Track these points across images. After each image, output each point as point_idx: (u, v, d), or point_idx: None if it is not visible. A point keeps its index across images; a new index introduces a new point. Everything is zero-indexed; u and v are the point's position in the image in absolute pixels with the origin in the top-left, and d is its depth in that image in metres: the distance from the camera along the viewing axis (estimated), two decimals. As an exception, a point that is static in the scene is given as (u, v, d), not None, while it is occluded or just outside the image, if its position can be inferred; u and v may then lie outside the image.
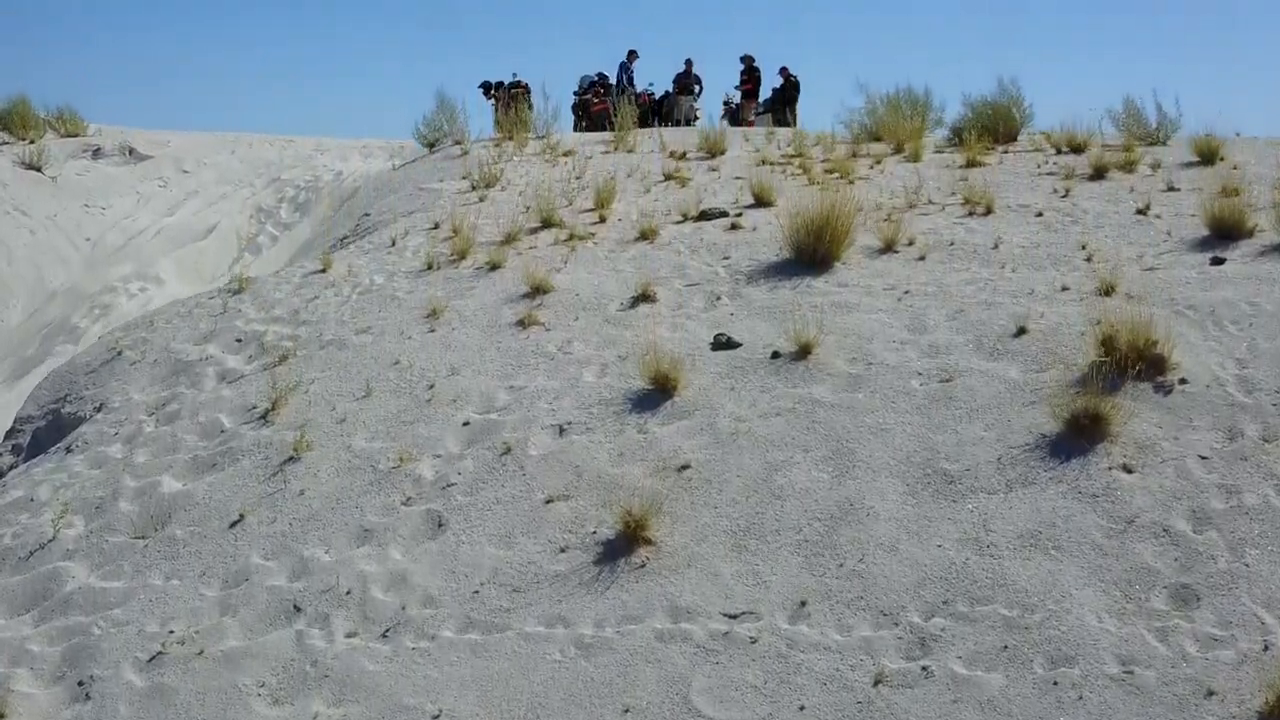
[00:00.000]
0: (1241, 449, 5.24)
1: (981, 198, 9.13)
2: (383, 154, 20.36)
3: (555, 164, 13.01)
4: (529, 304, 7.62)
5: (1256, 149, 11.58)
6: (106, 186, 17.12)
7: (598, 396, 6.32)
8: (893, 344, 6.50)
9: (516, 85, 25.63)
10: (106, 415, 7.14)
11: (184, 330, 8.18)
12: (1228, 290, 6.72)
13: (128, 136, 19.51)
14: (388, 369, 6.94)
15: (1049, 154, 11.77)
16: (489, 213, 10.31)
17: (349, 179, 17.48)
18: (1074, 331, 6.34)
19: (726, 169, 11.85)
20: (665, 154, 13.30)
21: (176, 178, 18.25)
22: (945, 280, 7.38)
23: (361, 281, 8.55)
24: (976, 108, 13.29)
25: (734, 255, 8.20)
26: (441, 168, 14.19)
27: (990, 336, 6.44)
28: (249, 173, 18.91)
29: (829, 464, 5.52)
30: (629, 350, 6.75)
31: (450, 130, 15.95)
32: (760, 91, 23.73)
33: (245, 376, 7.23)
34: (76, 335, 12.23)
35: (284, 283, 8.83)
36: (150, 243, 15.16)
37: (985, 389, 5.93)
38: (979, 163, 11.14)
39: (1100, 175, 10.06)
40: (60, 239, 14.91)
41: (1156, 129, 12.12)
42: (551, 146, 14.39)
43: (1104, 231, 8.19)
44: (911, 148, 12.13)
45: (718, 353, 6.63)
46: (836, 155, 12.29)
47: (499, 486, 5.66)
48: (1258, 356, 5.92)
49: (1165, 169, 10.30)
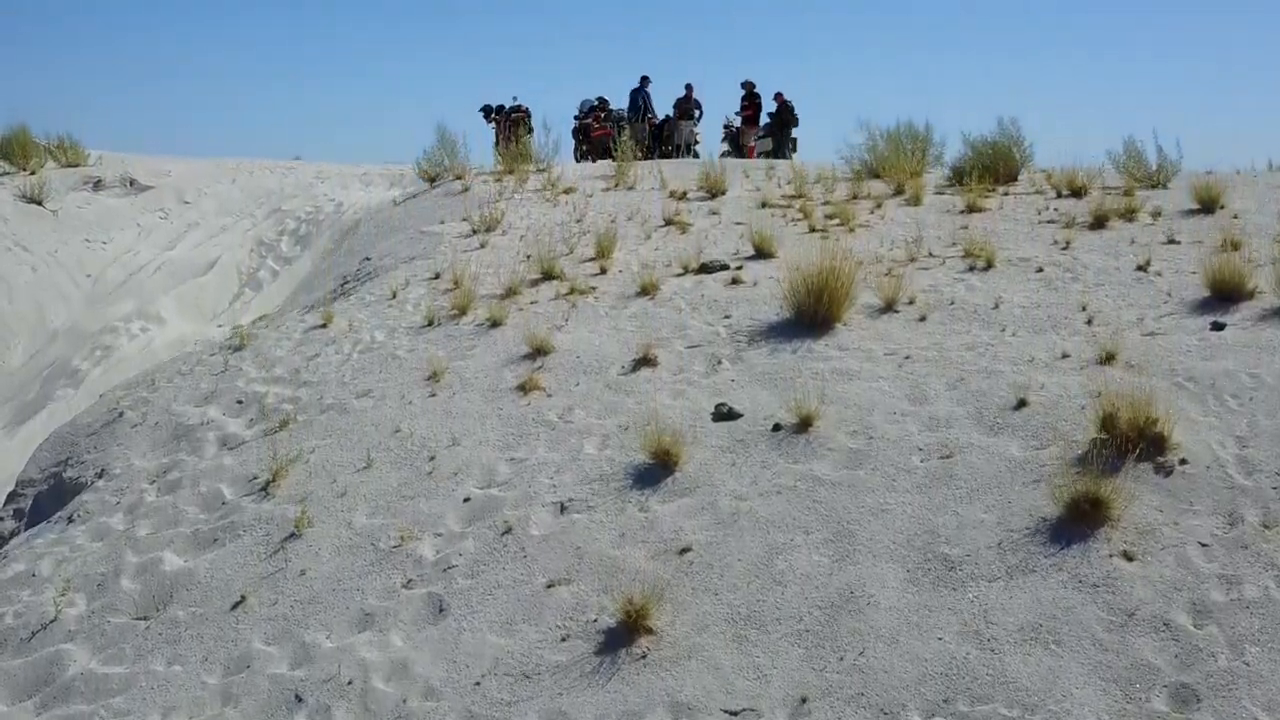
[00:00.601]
0: (1241, 536, 5.24)
1: (982, 251, 9.14)
2: (383, 181, 20.38)
3: (556, 203, 13.03)
4: (530, 366, 7.63)
5: (1257, 193, 11.60)
6: (107, 219, 17.14)
7: (599, 471, 6.32)
8: (893, 416, 6.51)
9: (517, 110, 25.72)
10: (108, 483, 7.15)
11: (185, 390, 8.19)
12: (1228, 360, 6.73)
13: (128, 165, 19.53)
14: (389, 437, 6.94)
15: (1049, 197, 11.79)
16: (490, 260, 10.33)
17: (349, 210, 17.49)
18: (1074, 405, 6.34)
19: (727, 211, 11.87)
20: (666, 193, 13.32)
21: (177, 209, 18.27)
22: (946, 344, 7.39)
23: (362, 338, 8.56)
24: (977, 147, 13.32)
25: (735, 314, 8.21)
26: (442, 205, 14.22)
27: (991, 408, 6.44)
28: (249, 202, 18.92)
29: (830, 547, 5.52)
30: (630, 419, 6.75)
31: (451, 165, 15.97)
32: (760, 117, 23.81)
33: (246, 443, 7.23)
34: (78, 379, 12.24)
35: (285, 338, 8.84)
36: (151, 279, 15.17)
37: (986, 467, 5.94)
38: (979, 207, 11.16)
39: (1101, 224, 10.07)
40: (61, 276, 14.92)
41: (1157, 171, 12.14)
42: (552, 183, 14.41)
43: (1104, 290, 8.20)
44: (912, 190, 12.15)
45: (719, 424, 6.64)
46: (837, 197, 12.32)
47: (500, 569, 5.66)
48: (1258, 435, 5.93)
49: (1166, 217, 10.32)
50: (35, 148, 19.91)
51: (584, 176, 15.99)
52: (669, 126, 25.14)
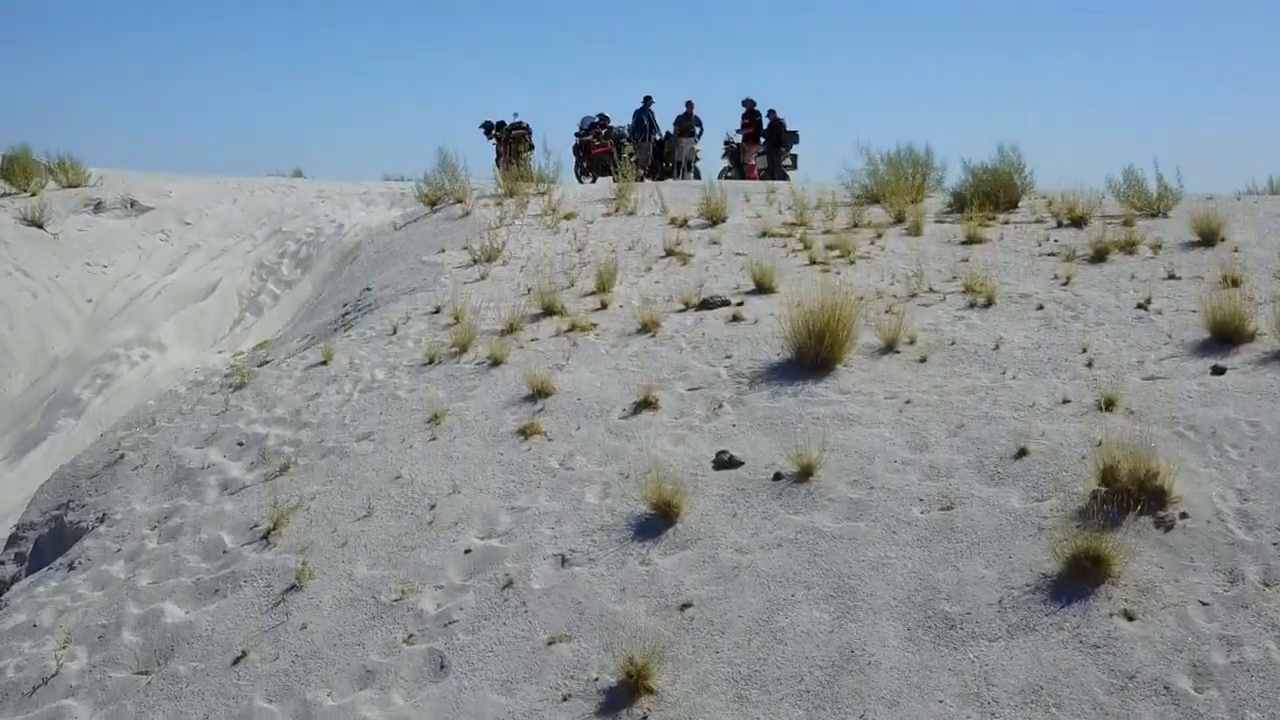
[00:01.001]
0: (1242, 595, 5.24)
1: (982, 286, 9.15)
2: (384, 201, 20.40)
3: (557, 230, 13.05)
4: (531, 408, 7.64)
5: (1257, 222, 11.62)
6: (108, 242, 17.16)
7: (600, 521, 6.33)
8: (894, 464, 6.51)
9: (517, 127, 25.80)
10: (109, 528, 7.15)
11: (186, 430, 8.20)
12: (1229, 407, 6.73)
13: (129, 186, 19.57)
14: (389, 484, 6.95)
15: (1050, 226, 11.81)
16: (490, 293, 10.34)
17: (350, 232, 17.51)
18: (1075, 454, 6.34)
19: (728, 241, 11.88)
20: (666, 219, 13.34)
21: (178, 230, 18.29)
22: (946, 387, 7.39)
23: (363, 376, 8.57)
24: (978, 174, 13.33)
25: (735, 354, 8.21)
26: (443, 230, 14.24)
27: (991, 457, 6.45)
28: (250, 223, 18.95)
29: (830, 603, 5.52)
30: (631, 466, 6.76)
31: (452, 188, 15.99)
32: (760, 135, 23.90)
33: (247, 487, 7.24)
34: (79, 408, 12.25)
35: (286, 376, 8.85)
36: (152, 304, 15.19)
37: (986, 519, 5.94)
38: (980, 238, 11.17)
39: (1101, 258, 10.08)
40: (62, 301, 14.94)
41: (1158, 200, 12.14)
42: (553, 208, 14.43)
43: (1104, 329, 8.21)
44: (913, 218, 12.17)
45: (720, 472, 6.64)
46: (837, 225, 12.33)
47: (501, 624, 5.67)
48: (1258, 487, 5.93)
49: (1166, 250, 10.33)
50: (36, 167, 19.97)
51: (584, 200, 16.01)
52: (669, 143, 25.24)
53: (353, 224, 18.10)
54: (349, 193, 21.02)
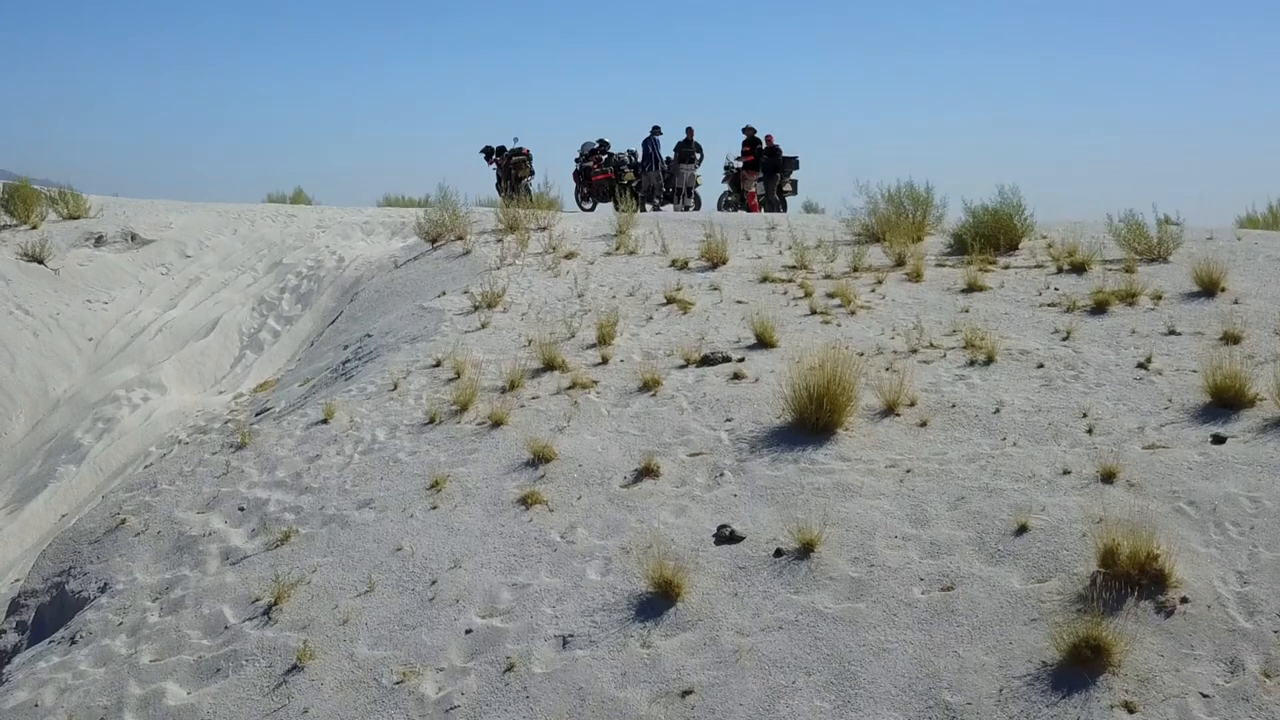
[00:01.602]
0: (1243, 687, 5.24)
1: (982, 342, 9.18)
2: (384, 230, 20.43)
3: (557, 273, 13.08)
4: (532, 475, 7.65)
5: (1258, 269, 11.65)
6: (109, 277, 17.19)
7: (601, 600, 6.33)
8: (895, 540, 6.52)
9: (518, 153, 25.88)
10: (111, 599, 7.16)
11: (187, 494, 8.21)
12: (1229, 480, 6.74)
13: (130, 218, 19.62)
14: (390, 556, 6.96)
15: (1050, 271, 11.84)
16: (491, 344, 10.36)
17: (350, 265, 17.53)
18: (1075, 531, 6.35)
19: (728, 286, 11.90)
20: (667, 260, 13.38)
21: (178, 263, 18.31)
22: (947, 455, 7.40)
23: (364, 437, 8.59)
24: (978, 215, 13.35)
25: (736, 415, 8.22)
26: (444, 270, 14.28)
27: (992, 534, 6.45)
28: (250, 255, 18.97)
29: (831, 690, 5.53)
30: (632, 540, 6.77)
31: (453, 224, 16.03)
32: (759, 162, 24.01)
33: (249, 557, 7.25)
34: (80, 453, 12.25)
35: (287, 435, 8.86)
36: (153, 342, 15.21)
37: (987, 601, 5.94)
38: (980, 286, 11.20)
39: (1102, 309, 10.10)
40: (63, 340, 14.96)
41: (1158, 244, 12.16)
42: (553, 246, 14.47)
43: (1105, 391, 8.22)
44: (913, 263, 12.20)
45: (721, 547, 6.65)
46: (837, 269, 12.36)
47: (502, 710, 5.67)
48: (1259, 569, 5.94)
49: (1167, 300, 10.36)
50: (36, 195, 20.00)
51: (585, 236, 16.05)
52: (670, 169, 25.37)
53: (353, 257, 18.12)
54: (349, 222, 21.04)
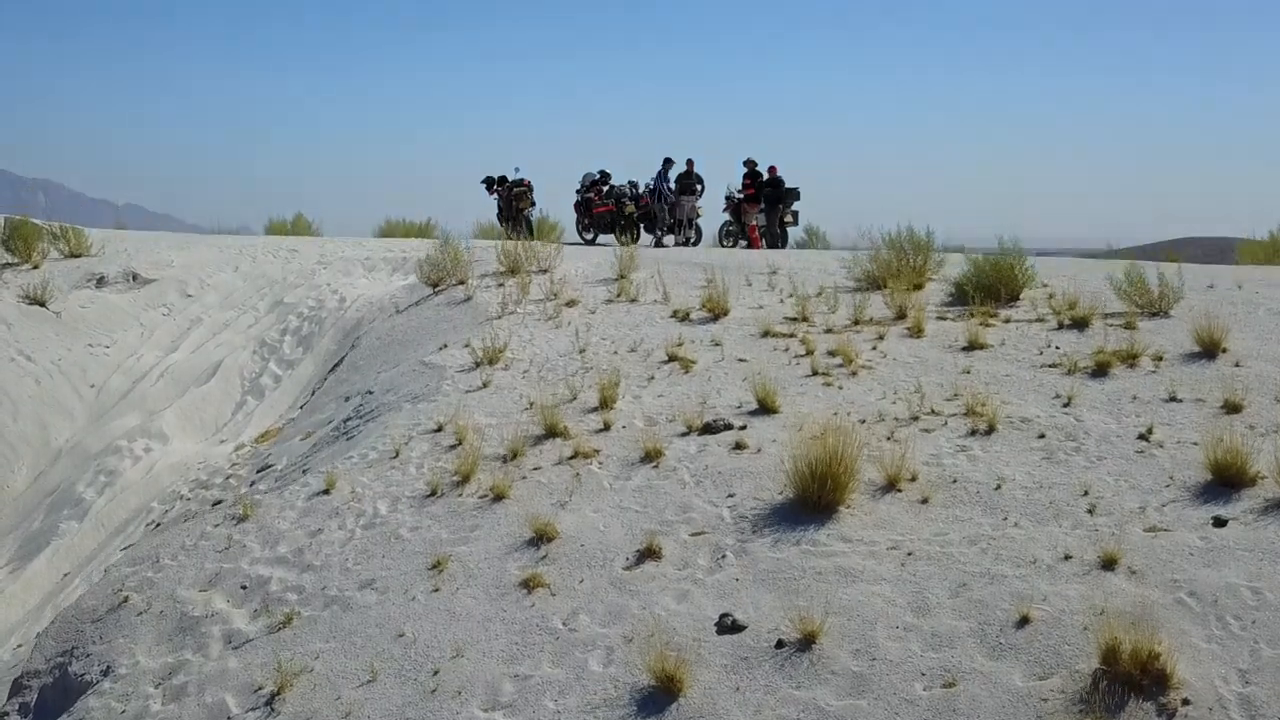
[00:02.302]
0: (1246, 797, 5.25)
1: (983, 408, 9.20)
2: (385, 267, 20.47)
3: (559, 324, 13.12)
4: (534, 555, 7.66)
5: (1258, 324, 11.67)
6: (110, 319, 17.22)
7: (603, 694, 6.34)
8: (896, 630, 6.52)
9: (519, 184, 25.97)
10: (113, 684, 7.17)
11: (189, 570, 8.23)
12: (1230, 568, 6.75)
13: (131, 256, 19.68)
14: (392, 643, 6.96)
15: (1051, 326, 11.87)
16: (493, 406, 10.39)
17: (351, 306, 17.57)
18: (1077, 624, 6.36)
19: (729, 341, 11.94)
20: (668, 310, 13.43)
21: (180, 303, 18.35)
22: (948, 536, 7.42)
23: (365, 510, 8.60)
24: (979, 265, 13.39)
25: (738, 491, 8.24)
26: (445, 318, 14.34)
27: (993, 625, 6.46)
28: (252, 293, 19.00)
29: (834, 796, 5.53)
30: (634, 628, 6.78)
31: (454, 269, 16.08)
32: (761, 194, 24.13)
33: (251, 640, 7.26)
34: (82, 508, 12.26)
35: (289, 507, 8.88)
36: (154, 388, 15.23)
37: (989, 699, 5.95)
38: (981, 343, 11.23)
39: (1103, 371, 10.13)
40: (65, 387, 14.99)
41: (1159, 298, 12.20)
42: (555, 293, 14.53)
43: (1106, 466, 8.23)
44: (914, 315, 12.24)
45: (723, 637, 6.66)
46: (838, 321, 12.40)
47: (505, 815, 5.67)
48: (1260, 667, 5.94)
49: (1168, 362, 10.38)
50: (37, 232, 20.07)
51: (587, 280, 16.09)
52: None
53: (354, 296, 18.15)
54: (350, 257, 21.09)
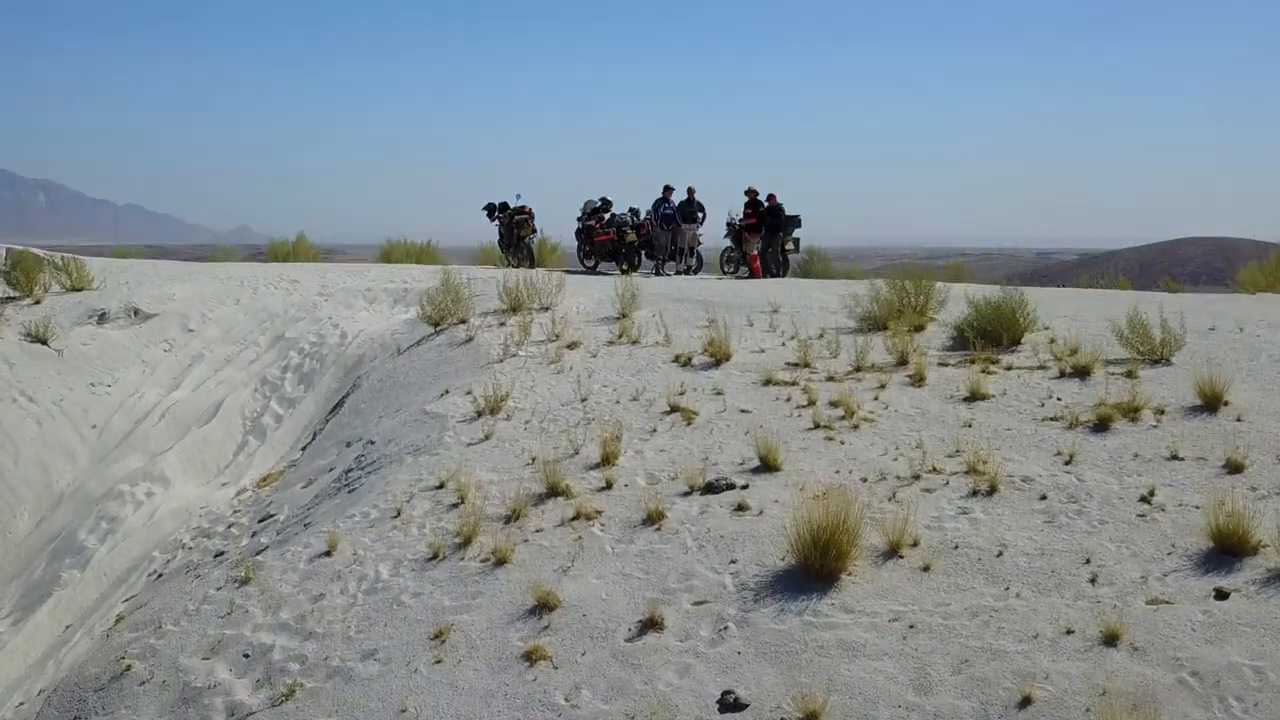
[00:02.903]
0: None
1: (985, 466, 9.23)
2: (386, 299, 20.50)
3: (560, 369, 13.15)
4: (536, 625, 7.66)
5: (1260, 371, 11.69)
6: (112, 356, 17.24)
7: (606, 778, 6.33)
8: (898, 710, 6.52)
9: (520, 211, 26.06)
10: (114, 761, 7.16)
11: (192, 637, 8.23)
12: (1231, 645, 6.75)
13: (132, 290, 19.73)
14: (395, 718, 6.96)
15: (1052, 374, 11.89)
16: (495, 460, 10.42)
17: (353, 343, 17.59)
18: (1079, 705, 6.36)
19: (731, 389, 11.97)
20: (670, 354, 13.48)
21: (181, 338, 18.37)
22: (950, 607, 7.42)
23: (367, 574, 8.61)
24: (980, 309, 13.42)
25: (740, 556, 8.25)
26: (446, 359, 14.38)
27: (996, 705, 6.46)
28: (253, 327, 19.03)
29: None
30: (636, 706, 6.77)
31: (455, 308, 16.12)
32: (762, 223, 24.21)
33: (254, 714, 7.26)
34: (84, 557, 12.26)
35: (290, 570, 8.89)
36: (156, 429, 15.24)
37: (993, 786, 5.95)
38: (982, 394, 11.25)
39: (1104, 426, 10.15)
40: (67, 429, 14.99)
41: (1160, 345, 12.22)
42: (556, 334, 14.58)
43: (1108, 531, 8.24)
44: (915, 361, 12.28)
45: (726, 715, 6.65)
46: (840, 369, 12.43)
47: None
48: (1264, 755, 5.94)
49: (1170, 415, 10.40)
50: (38, 264, 20.11)
51: (588, 319, 16.13)
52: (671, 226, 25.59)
53: (355, 332, 18.18)
54: (351, 289, 21.11)
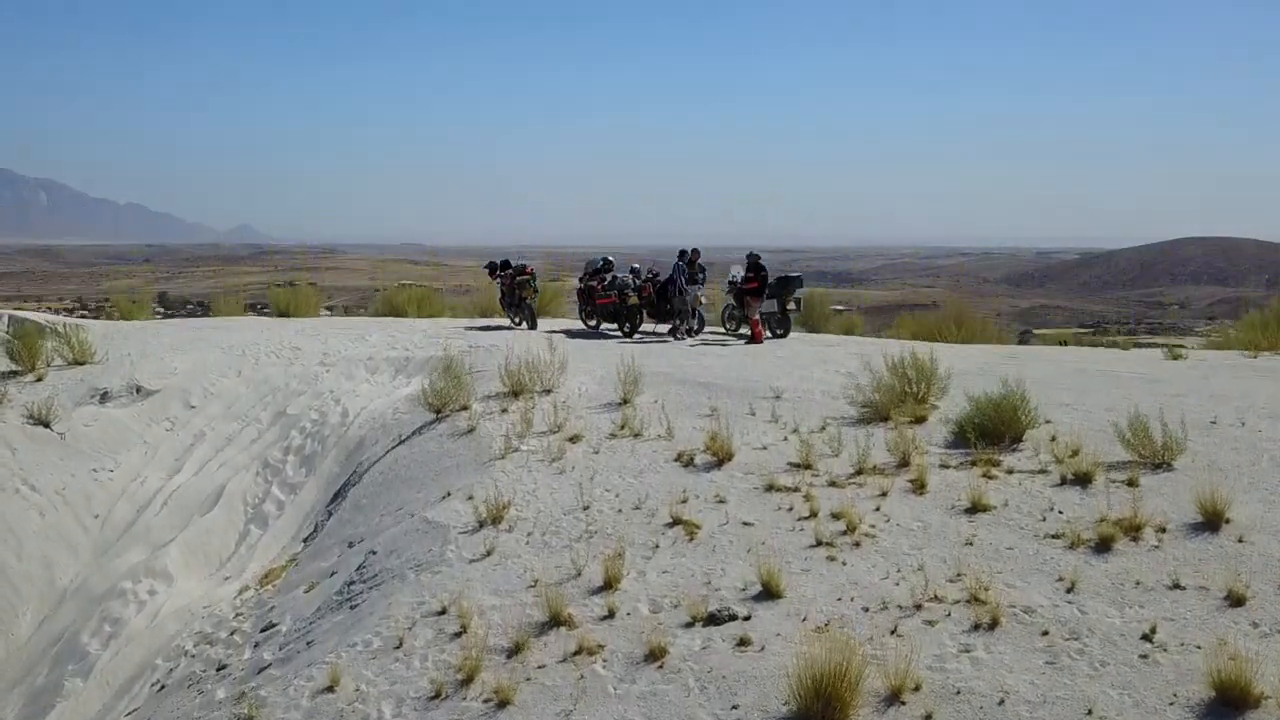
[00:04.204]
0: None
1: (987, 594, 9.24)
2: (388, 369, 20.57)
3: (562, 467, 13.19)
4: (538, 781, 7.65)
5: (1262, 478, 11.73)
6: (115, 438, 17.28)
7: None
8: None
9: (521, 271, 26.19)
10: None
11: (193, 785, 8.22)
12: (1237, 817, 6.75)
13: (135, 366, 19.78)
14: None
15: (1054, 481, 11.93)
16: (497, 581, 10.44)
17: (354, 423, 17.64)
18: None
19: (734, 496, 12.01)
20: (672, 449, 13.54)
21: (183, 415, 18.42)
22: (953, 767, 7.41)
23: (370, 713, 8.60)
24: (981, 406, 13.46)
25: (743, 701, 8.23)
26: (447, 452, 14.44)
27: None
28: (255, 401, 19.08)
29: None
30: None
31: (456, 395, 16.19)
32: (764, 288, 24.36)
33: None
34: (87, 664, 12.25)
35: (293, 707, 8.88)
36: (158, 518, 15.26)
37: None
38: (984, 505, 11.28)
39: (1106, 547, 10.16)
40: (69, 519, 15.02)
41: (1162, 449, 12.26)
42: (559, 424, 14.65)
43: (1110, 674, 8.22)
44: (917, 464, 12.33)
45: None
46: (841, 472, 12.47)
47: None
48: None
49: (1171, 535, 10.41)
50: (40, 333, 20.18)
51: (590, 404, 16.19)
52: (672, 288, 25.74)
53: (357, 410, 18.24)
54: (352, 357, 21.17)
